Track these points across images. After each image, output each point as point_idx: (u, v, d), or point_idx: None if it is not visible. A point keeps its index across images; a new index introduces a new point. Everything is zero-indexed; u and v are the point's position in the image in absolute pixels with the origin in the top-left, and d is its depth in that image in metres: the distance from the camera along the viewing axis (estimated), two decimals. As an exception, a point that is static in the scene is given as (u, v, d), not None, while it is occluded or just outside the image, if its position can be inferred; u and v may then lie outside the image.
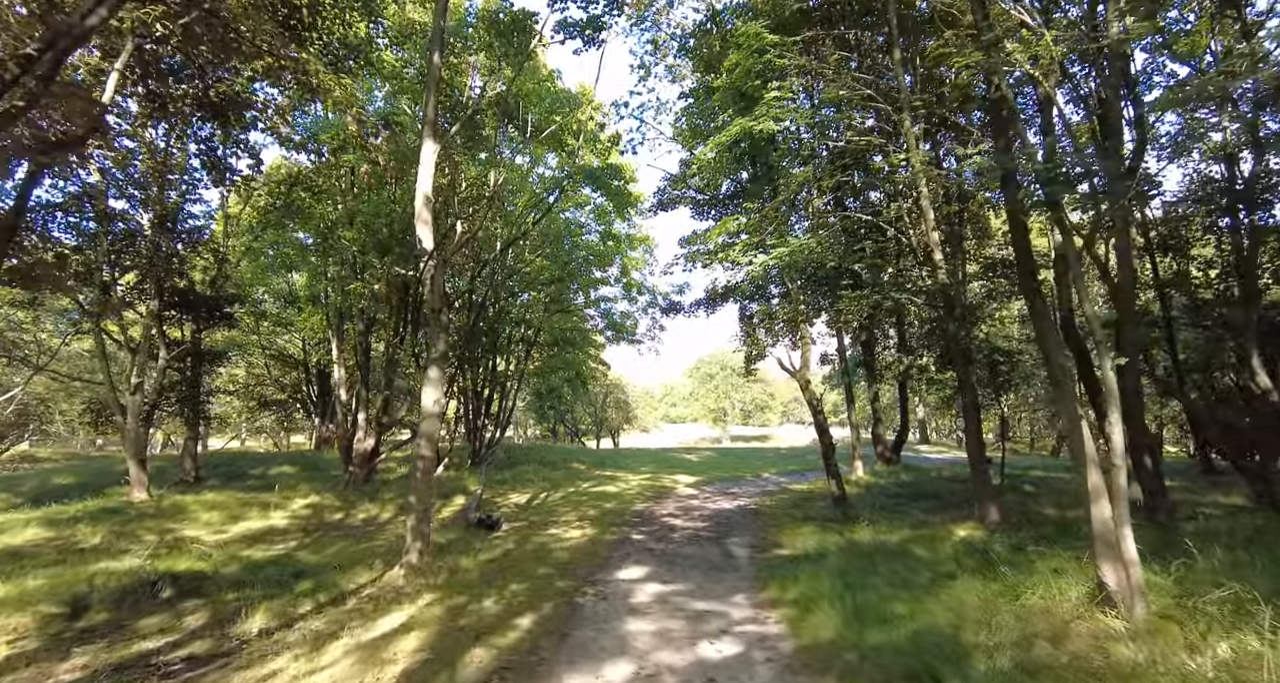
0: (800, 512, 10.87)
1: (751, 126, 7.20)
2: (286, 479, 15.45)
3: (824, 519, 9.83)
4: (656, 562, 7.48)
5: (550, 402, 30.84)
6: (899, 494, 12.30)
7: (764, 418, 66.63)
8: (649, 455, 26.15)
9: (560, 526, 10.04)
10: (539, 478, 16.40)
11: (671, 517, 11.06)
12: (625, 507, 12.10)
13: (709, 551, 8.18)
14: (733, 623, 4.89)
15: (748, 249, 8.07)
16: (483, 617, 5.16)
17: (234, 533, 10.60)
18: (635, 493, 14.22)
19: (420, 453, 7.32)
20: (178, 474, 15.95)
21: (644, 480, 16.59)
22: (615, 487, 15.30)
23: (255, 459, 20.41)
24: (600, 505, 12.17)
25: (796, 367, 12.03)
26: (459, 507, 12.70)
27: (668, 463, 22.78)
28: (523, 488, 15.05)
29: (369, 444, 15.37)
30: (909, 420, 17.90)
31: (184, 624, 5.81)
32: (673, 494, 14.25)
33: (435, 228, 8.05)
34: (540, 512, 11.66)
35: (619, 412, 42.06)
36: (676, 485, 15.82)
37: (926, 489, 12.58)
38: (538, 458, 20.40)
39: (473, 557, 7.70)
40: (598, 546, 8.43)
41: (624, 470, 19.75)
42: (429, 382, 7.44)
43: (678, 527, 10.02)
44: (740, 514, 11.32)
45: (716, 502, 13.07)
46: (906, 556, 6.88)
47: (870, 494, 12.61)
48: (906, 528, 8.66)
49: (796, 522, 9.98)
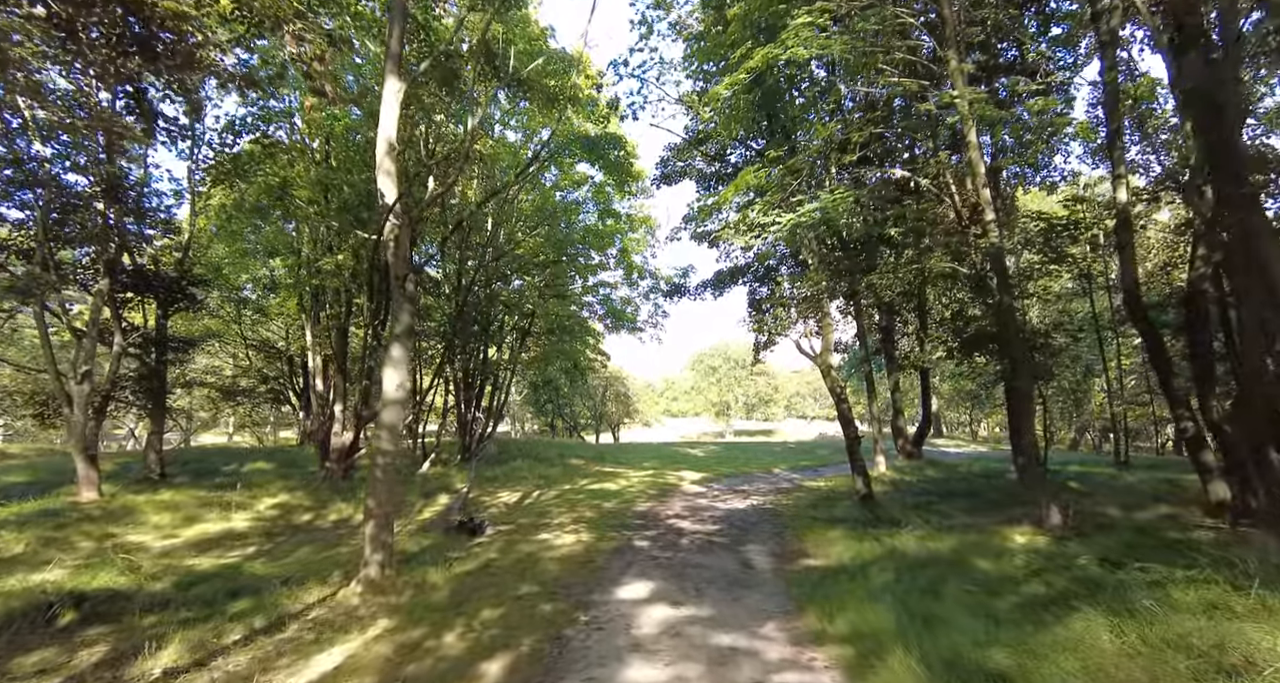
0: (823, 513, 9.72)
1: (776, 55, 6.01)
2: (260, 476, 14.35)
3: (853, 522, 8.69)
4: (664, 575, 6.34)
5: (547, 394, 29.67)
6: (929, 492, 11.16)
7: (768, 412, 65.53)
8: (650, 450, 25.02)
9: (553, 529, 8.90)
10: (533, 475, 15.28)
11: (678, 518, 9.93)
12: (626, 507, 10.97)
13: (725, 560, 7.03)
14: (770, 669, 3.74)
15: (769, 209, 6.89)
16: (441, 659, 4.02)
17: (186, 538, 9.47)
18: (637, 491, 13.09)
19: (380, 447, 6.17)
20: (140, 472, 14.87)
21: (646, 477, 15.46)
22: (615, 484, 14.17)
23: (233, 455, 19.29)
24: (599, 506, 11.04)
25: (816, 351, 10.87)
26: (443, 507, 11.58)
27: (671, 458, 21.65)
28: (515, 486, 13.92)
29: (347, 438, 14.24)
30: (930, 412, 16.73)
31: (74, 661, 4.67)
32: (678, 492, 13.12)
33: (404, 184, 6.86)
34: (531, 513, 10.52)
35: (619, 405, 40.94)
36: (681, 483, 14.69)
37: (959, 487, 11.45)
38: (533, 453, 19.28)
39: (446, 569, 6.56)
40: (594, 554, 7.29)
41: (624, 466, 18.61)
42: (391, 362, 6.27)
43: (686, 531, 8.88)
44: (755, 515, 10.18)
45: (727, 501, 11.94)
46: (967, 569, 5.73)
47: (898, 492, 11.47)
48: (951, 533, 7.51)
49: (821, 525, 8.84)
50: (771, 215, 6.75)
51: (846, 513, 9.52)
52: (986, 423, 38.09)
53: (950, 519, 8.67)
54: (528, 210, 17.53)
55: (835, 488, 12.73)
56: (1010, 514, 8.59)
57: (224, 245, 18.35)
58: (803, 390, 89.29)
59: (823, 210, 6.34)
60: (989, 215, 7.33)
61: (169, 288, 12.69)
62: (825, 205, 6.31)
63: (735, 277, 16.08)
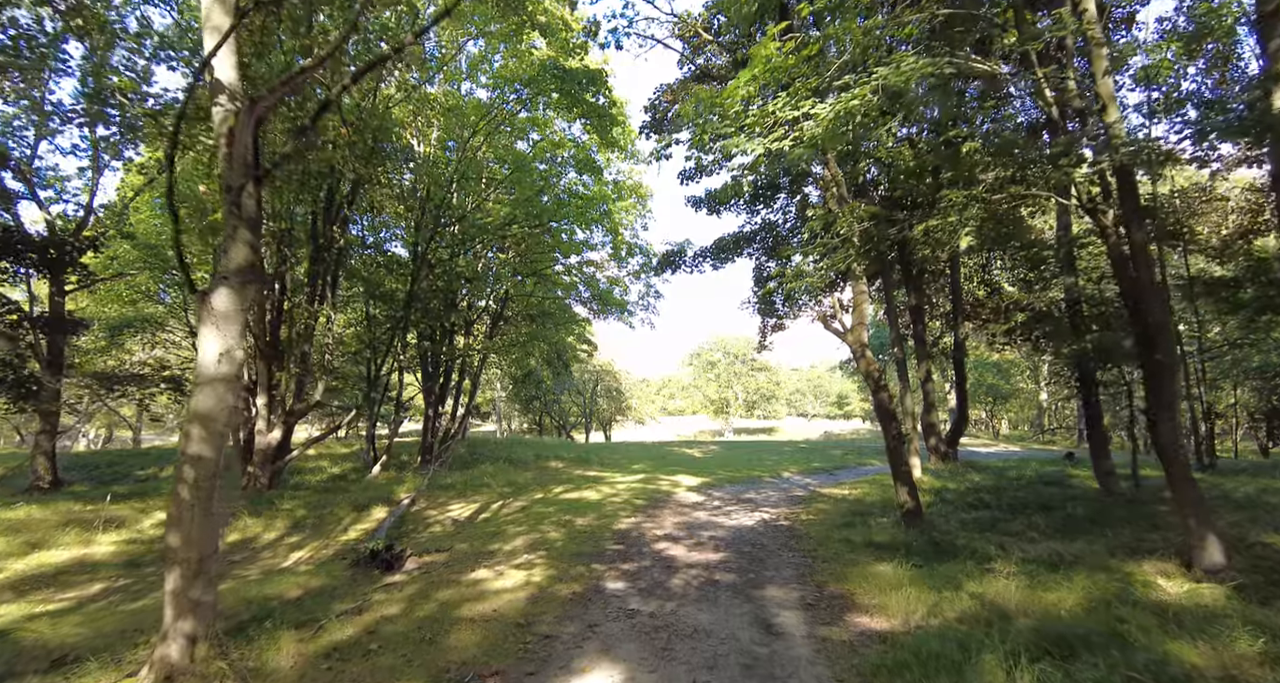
0: (860, 535, 7.53)
1: None
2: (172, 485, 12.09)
3: (905, 550, 6.50)
4: (642, 650, 4.16)
5: (529, 388, 27.40)
6: (987, 505, 8.99)
7: (770, 409, 63.40)
8: (643, 451, 22.81)
9: (498, 561, 6.68)
10: (499, 481, 13.06)
11: (670, 542, 7.73)
12: (604, 524, 8.76)
13: (735, 619, 4.84)
14: None
15: (797, 100, 4.69)
16: None
17: (12, 573, 7.23)
18: (622, 501, 10.89)
19: (189, 452, 3.93)
20: (31, 479, 12.61)
21: (635, 484, 13.26)
22: (597, 492, 11.96)
23: (160, 458, 17.05)
24: (569, 523, 8.83)
25: (847, 327, 8.68)
26: (377, 523, 9.35)
27: (665, 460, 19.44)
28: (474, 496, 11.70)
29: (273, 438, 12.00)
30: (966, 406, 14.57)
31: None
32: (671, 503, 10.91)
33: (252, 43, 4.63)
34: (481, 534, 8.30)
35: (611, 402, 38.69)
36: (676, 490, 12.49)
37: (1022, 497, 9.28)
38: (505, 454, 17.05)
39: (307, 640, 4.34)
40: (542, 607, 5.09)
41: (611, 470, 16.41)
42: (211, 318, 4.04)
43: (679, 562, 6.68)
44: (770, 537, 7.99)
45: (732, 514, 9.74)
46: (1126, 646, 3.54)
47: (945, 504, 9.30)
48: (1057, 572, 5.33)
49: (863, 554, 6.66)
50: (804, 106, 4.57)
51: (891, 536, 7.32)
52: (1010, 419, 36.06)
53: (1035, 546, 6.49)
54: (498, 173, 15.29)
55: (864, 498, 10.55)
56: (1121, 541, 6.41)
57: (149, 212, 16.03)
58: (803, 388, 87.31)
59: (887, 89, 4.17)
60: (1112, 113, 5.12)
61: (39, 252, 10.41)
62: (889, 79, 4.14)
63: (739, 246, 13.89)
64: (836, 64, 4.66)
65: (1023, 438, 32.76)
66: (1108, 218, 5.57)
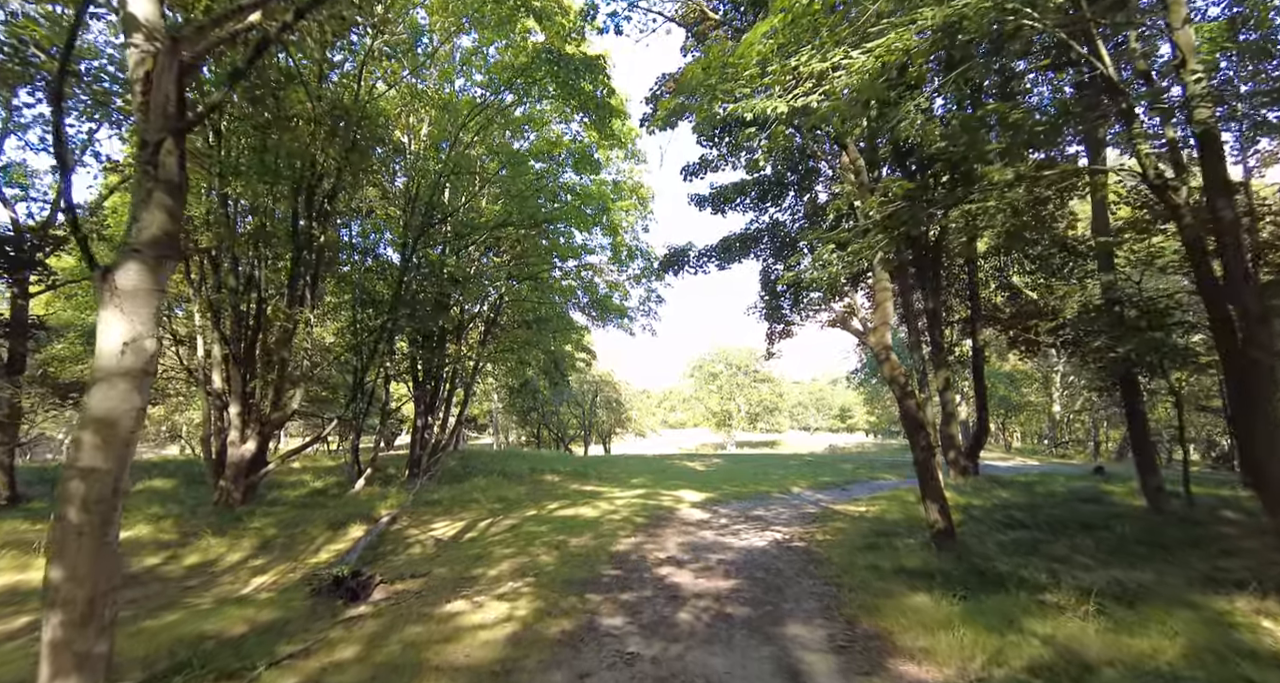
0: (887, 559, 6.74)
1: None
2: (139, 499, 11.31)
3: (943, 579, 5.71)
4: (643, 711, 3.38)
5: (525, 398, 26.58)
6: (1020, 523, 8.20)
7: (774, 422, 62.43)
8: (643, 464, 21.92)
9: (479, 589, 5.89)
10: (490, 497, 12.24)
11: (674, 566, 6.94)
12: (601, 545, 7.96)
13: (752, 663, 4.06)
14: None
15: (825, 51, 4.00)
16: None
17: (-72, 601, 6.43)
18: (621, 519, 10.09)
19: (78, 464, 3.17)
20: None
21: (635, 499, 12.45)
22: (594, 509, 11.16)
23: (136, 470, 16.22)
24: (563, 544, 8.03)
25: (868, 327, 7.95)
26: (348, 546, 8.55)
27: (667, 473, 18.60)
28: (461, 512, 10.89)
29: (248, 449, 11.22)
30: (986, 417, 13.78)
31: None
32: (674, 521, 10.11)
33: None
34: (463, 557, 7.50)
35: (610, 413, 37.84)
36: (679, 506, 11.68)
37: (1060, 515, 8.49)
38: (499, 468, 16.23)
39: (232, 697, 3.56)
40: (525, 650, 4.30)
41: (610, 484, 15.58)
42: (116, 298, 3.31)
43: (685, 591, 5.89)
44: (786, 561, 7.19)
45: (741, 534, 8.95)
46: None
47: (975, 523, 8.50)
48: (1133, 609, 4.55)
49: (890, 580, 5.89)
50: (835, 56, 3.88)
51: (923, 561, 6.53)
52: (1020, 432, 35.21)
53: (1091, 574, 5.71)
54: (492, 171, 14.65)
55: (884, 517, 9.74)
56: (1195, 570, 5.62)
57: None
58: (805, 401, 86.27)
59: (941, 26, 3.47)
60: (1193, 70, 4.43)
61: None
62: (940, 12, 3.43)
63: (746, 246, 13.21)
64: (872, 8, 3.97)
65: (1036, 451, 31.85)
66: (1179, 196, 4.86)
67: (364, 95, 10.88)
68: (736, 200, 13.50)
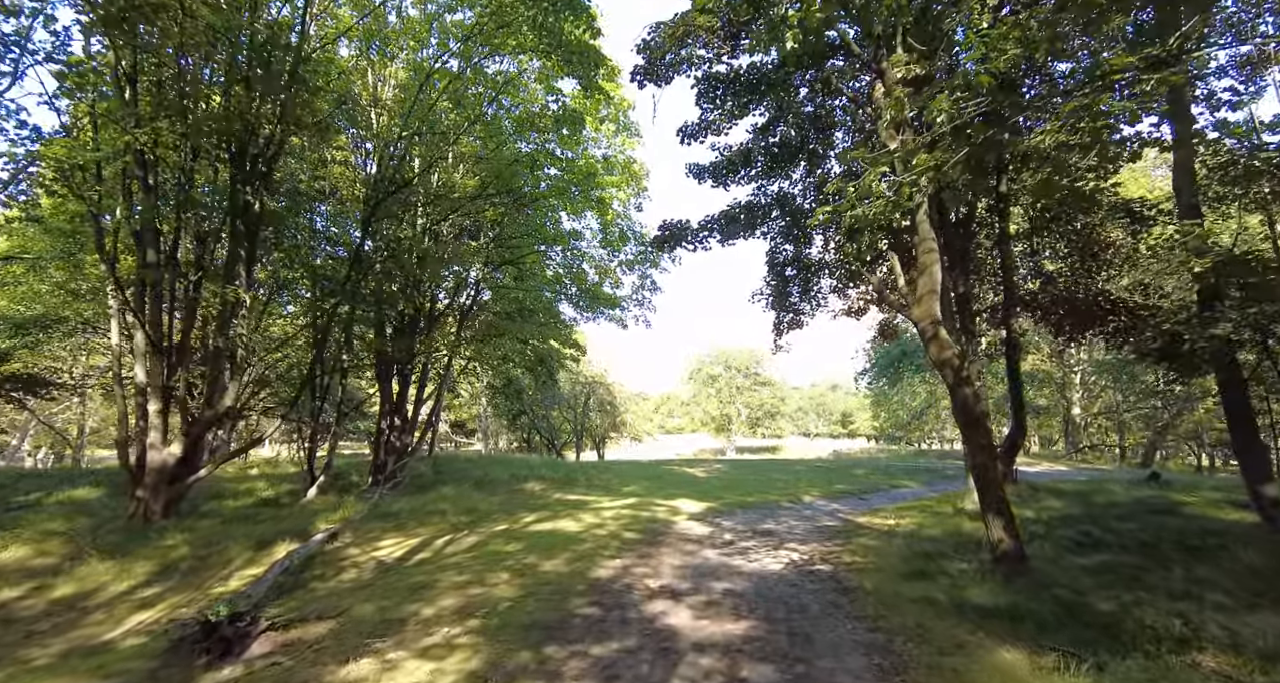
0: (939, 589, 5.29)
1: None
2: (43, 512, 9.82)
3: (1026, 620, 4.25)
4: None
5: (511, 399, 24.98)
6: (1100, 543, 6.76)
7: (775, 427, 60.87)
8: (639, 470, 20.35)
9: (400, 640, 4.39)
10: (458, 508, 10.74)
11: (668, 599, 5.46)
12: (578, 570, 6.47)
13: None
14: None
15: None
16: None
17: None
18: (607, 534, 8.60)
19: None
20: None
21: (625, 510, 10.95)
22: (577, 522, 9.67)
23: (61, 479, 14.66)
24: (531, 568, 6.54)
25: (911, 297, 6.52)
26: (267, 569, 7.04)
27: (663, 480, 17.06)
28: (419, 527, 9.40)
29: (171, 453, 9.72)
30: (1023, 416, 12.31)
31: None
32: (670, 536, 8.61)
33: None
34: (400, 588, 6.00)
35: (604, 416, 36.29)
36: (676, 518, 10.19)
37: (1134, 531, 7.03)
38: (475, 474, 14.69)
39: None
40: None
41: (600, 492, 14.07)
42: None
43: (681, 639, 4.41)
44: (809, 591, 5.71)
45: (750, 553, 7.47)
46: None
47: (1039, 541, 7.02)
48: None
49: (953, 621, 4.45)
50: None
51: (992, 594, 5.07)
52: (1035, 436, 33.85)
53: (1236, 620, 4.25)
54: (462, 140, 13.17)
55: (920, 532, 8.25)
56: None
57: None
58: (805, 406, 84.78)
59: None
60: None
61: None
62: None
63: (752, 220, 11.77)
64: None
65: (1058, 455, 30.44)
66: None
67: (308, 45, 9.43)
68: (741, 172, 12.05)
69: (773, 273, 13.27)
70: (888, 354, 31.73)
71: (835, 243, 13.30)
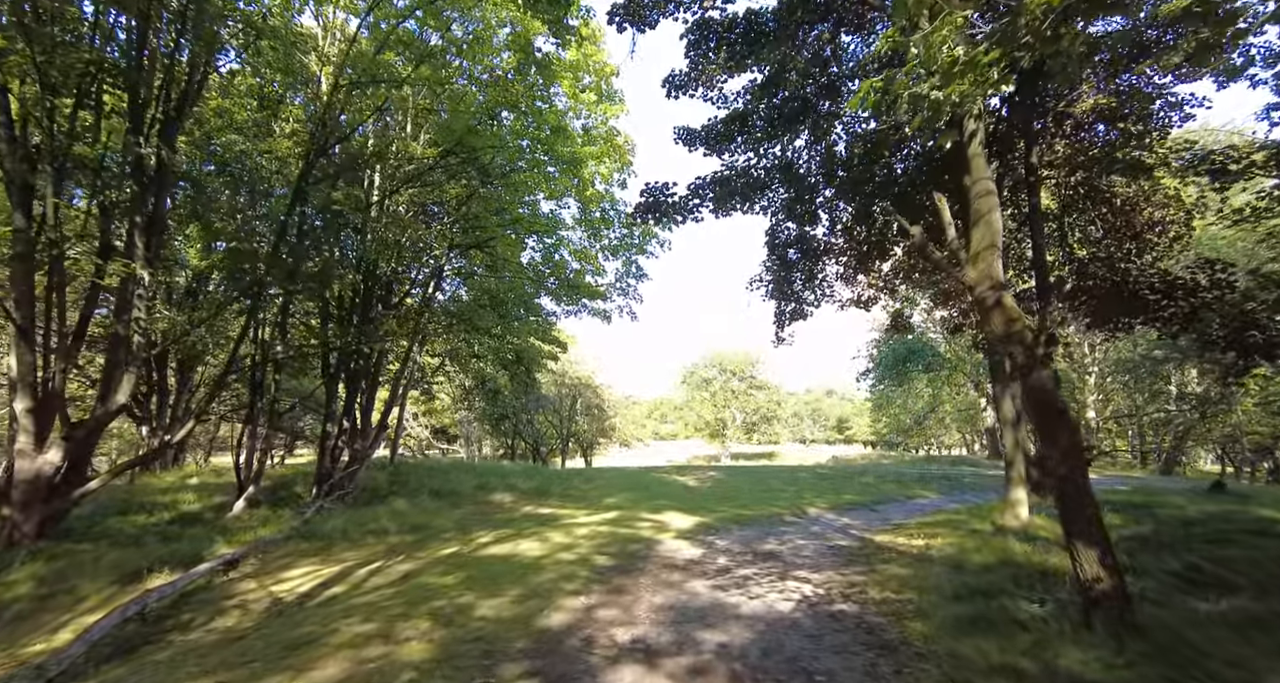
0: (1017, 650, 3.79)
1: None
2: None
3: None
4: None
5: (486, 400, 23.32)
6: (1216, 579, 5.24)
7: (771, 432, 59.35)
8: (625, 478, 18.74)
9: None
10: (403, 525, 9.17)
11: (638, 664, 3.92)
12: (523, 616, 4.91)
13: None
14: None
15: None
16: None
17: None
18: (574, 559, 7.04)
19: None
20: None
21: (603, 526, 9.40)
22: (541, 544, 8.09)
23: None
24: (463, 612, 4.98)
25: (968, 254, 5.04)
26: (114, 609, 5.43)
27: (651, 490, 15.48)
28: (346, 550, 7.82)
29: (46, 462, 8.10)
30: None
31: None
32: (651, 562, 7.06)
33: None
34: (276, 644, 4.43)
35: (592, 421, 34.66)
36: (661, 537, 8.64)
37: (1260, 562, 5.54)
38: (436, 484, 13.08)
39: None
40: None
41: (576, 504, 12.51)
42: None
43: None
44: (833, 646, 4.19)
45: (750, 584, 5.95)
46: None
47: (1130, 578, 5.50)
48: None
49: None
50: None
51: (1098, 660, 3.57)
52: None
53: None
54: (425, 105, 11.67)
55: (963, 557, 6.69)
56: None
57: None
58: (800, 412, 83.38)
59: None
60: None
61: None
62: None
63: (752, 188, 10.29)
64: None
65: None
66: None
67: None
68: (737, 139, 10.59)
69: (774, 254, 11.80)
70: (893, 353, 30.22)
71: (844, 224, 11.90)
